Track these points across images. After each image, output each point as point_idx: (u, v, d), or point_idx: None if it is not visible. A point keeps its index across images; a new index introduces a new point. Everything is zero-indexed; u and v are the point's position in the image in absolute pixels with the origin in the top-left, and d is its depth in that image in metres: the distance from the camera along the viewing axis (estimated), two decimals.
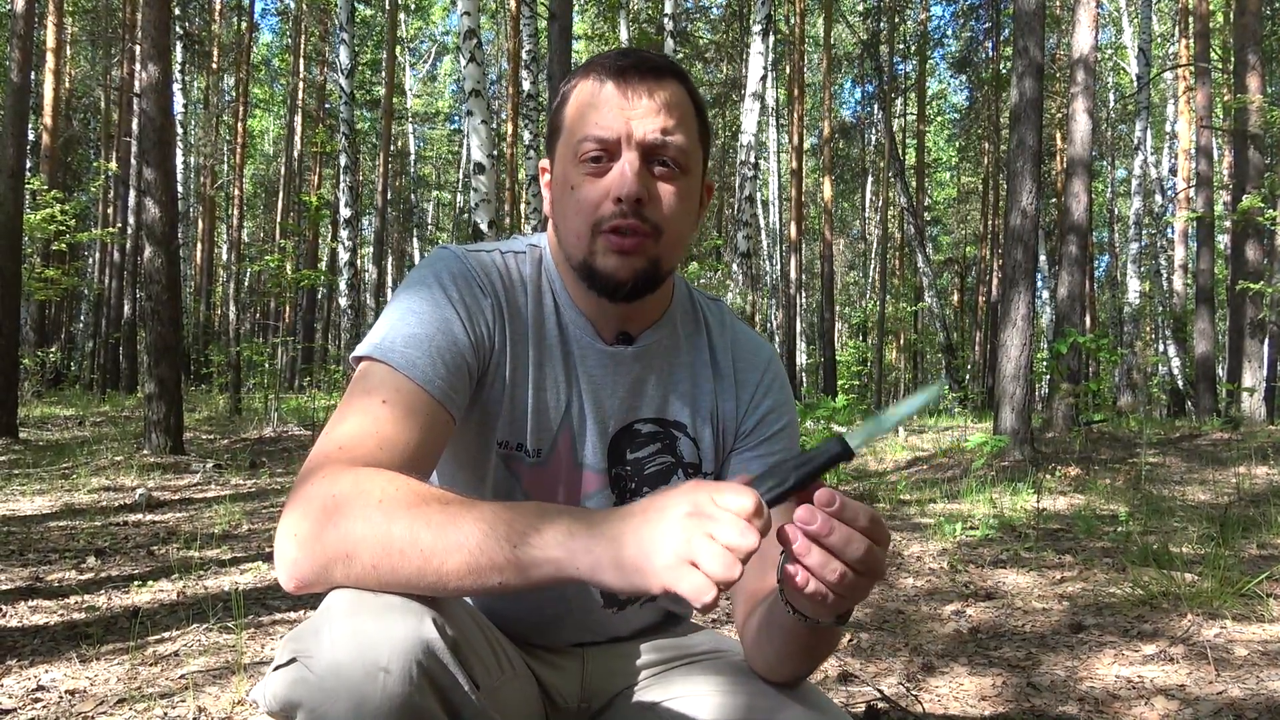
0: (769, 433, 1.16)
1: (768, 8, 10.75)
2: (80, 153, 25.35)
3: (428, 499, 0.80)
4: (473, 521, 0.77)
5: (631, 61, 1.00)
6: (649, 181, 0.99)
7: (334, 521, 0.80)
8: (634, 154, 0.99)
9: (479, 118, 7.80)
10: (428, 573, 0.78)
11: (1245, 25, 12.26)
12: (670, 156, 1.00)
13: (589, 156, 1.00)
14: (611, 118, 0.99)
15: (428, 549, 0.77)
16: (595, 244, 1.01)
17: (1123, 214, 24.71)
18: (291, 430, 8.94)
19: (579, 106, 1.02)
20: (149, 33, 6.94)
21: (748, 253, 10.77)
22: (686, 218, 1.04)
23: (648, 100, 0.99)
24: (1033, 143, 7.33)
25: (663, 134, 0.99)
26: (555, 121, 1.06)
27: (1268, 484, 5.87)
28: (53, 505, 4.86)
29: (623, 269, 1.01)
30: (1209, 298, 14.16)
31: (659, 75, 1.01)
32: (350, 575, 0.80)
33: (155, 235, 6.89)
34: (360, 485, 0.82)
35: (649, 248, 1.01)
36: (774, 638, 0.99)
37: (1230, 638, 2.42)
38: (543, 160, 1.11)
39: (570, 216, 1.02)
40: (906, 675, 2.24)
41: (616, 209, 0.99)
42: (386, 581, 0.79)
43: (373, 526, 0.79)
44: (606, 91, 1.00)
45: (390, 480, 0.82)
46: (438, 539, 0.77)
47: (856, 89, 29.36)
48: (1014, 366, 7.15)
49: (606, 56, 1.02)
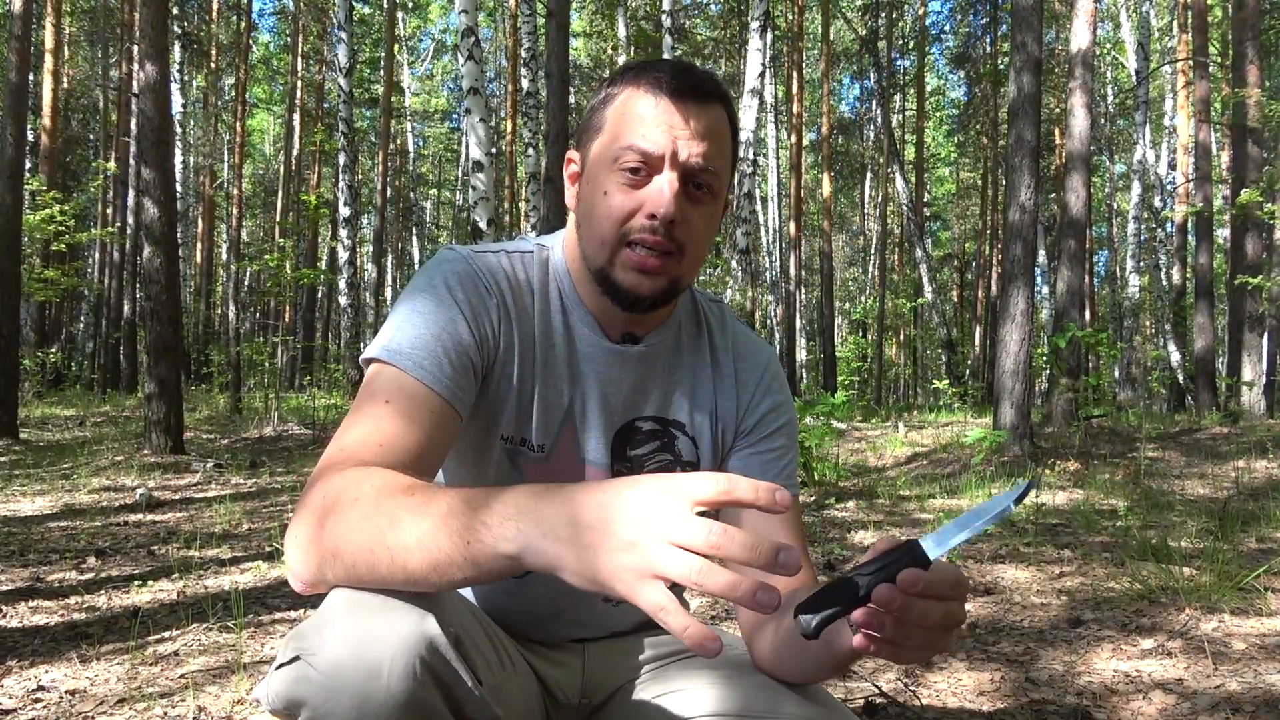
0: (768, 431, 1.17)
1: (765, 4, 10.76)
2: (79, 153, 25.37)
3: (402, 492, 0.79)
4: (432, 517, 0.76)
5: (689, 83, 1.01)
6: (683, 203, 1.00)
7: (325, 524, 0.81)
8: (675, 174, 1.00)
9: (477, 116, 7.80)
10: (396, 572, 0.77)
11: (1244, 19, 12.25)
12: (706, 181, 1.02)
13: (628, 166, 1.00)
14: (659, 134, 0.99)
15: (395, 547, 0.76)
16: (618, 255, 1.02)
17: (1122, 209, 24.71)
18: (292, 429, 8.95)
19: (626, 114, 1.02)
20: (147, 32, 6.94)
21: (747, 249, 10.78)
22: (709, 239, 1.06)
23: (695, 123, 1.00)
24: (1031, 138, 7.33)
25: (704, 159, 1.00)
26: (595, 119, 1.06)
27: (1267, 478, 5.88)
28: (53, 505, 4.87)
29: (644, 286, 1.03)
30: (1208, 292, 14.16)
31: (709, 99, 1.02)
32: (339, 576, 0.81)
33: (154, 235, 6.90)
34: (346, 485, 0.83)
35: (672, 267, 1.03)
36: (807, 659, 0.97)
37: (1228, 631, 2.42)
38: (571, 151, 1.11)
39: (599, 220, 1.03)
40: (905, 671, 2.25)
41: (649, 224, 1.00)
42: (367, 579, 0.79)
43: (351, 526, 0.79)
44: (660, 107, 1.00)
45: (369, 478, 0.82)
46: (400, 537, 0.76)
47: (855, 85, 29.35)
48: (1013, 362, 7.15)
49: (662, 69, 1.02)
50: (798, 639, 0.94)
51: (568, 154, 1.12)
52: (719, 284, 11.86)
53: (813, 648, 0.91)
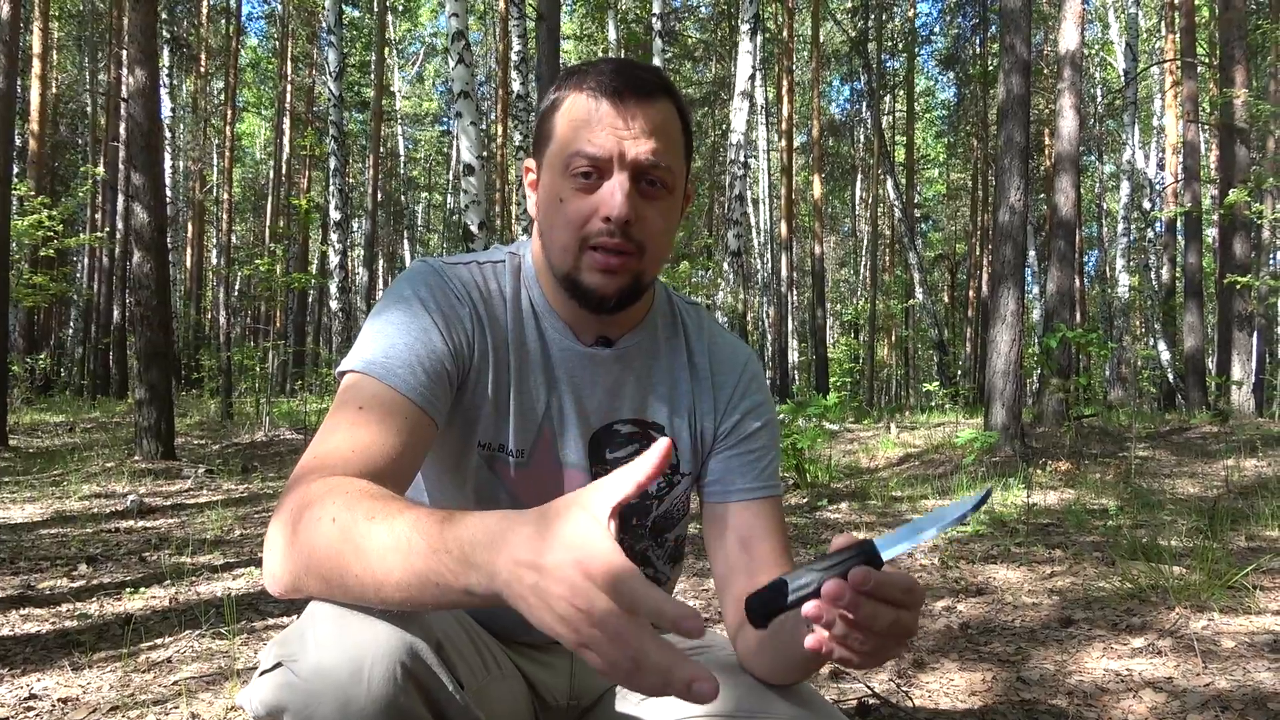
0: (747, 431, 1.18)
1: (755, 7, 10.77)
2: (68, 158, 25.25)
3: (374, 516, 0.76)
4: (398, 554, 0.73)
5: (626, 81, 1.01)
6: (637, 202, 1.01)
7: (298, 532, 0.81)
8: (625, 175, 1.00)
9: (468, 119, 7.80)
10: (369, 598, 0.76)
11: (1230, 20, 12.32)
12: (658, 177, 1.02)
13: (579, 172, 1.01)
14: (604, 137, 1.00)
15: (363, 575, 0.75)
16: (581, 259, 1.03)
17: (1111, 209, 24.81)
18: (283, 434, 8.93)
19: (571, 121, 1.02)
20: (136, 37, 6.92)
21: (738, 251, 10.79)
22: (669, 234, 1.07)
23: (641, 122, 1.00)
24: (1020, 140, 7.37)
25: (653, 155, 1.01)
26: (545, 128, 1.07)
27: (1256, 476, 5.91)
28: (44, 512, 4.85)
29: (608, 285, 1.03)
30: (1198, 291, 14.23)
31: (652, 95, 1.02)
32: (315, 589, 0.80)
33: (144, 240, 6.87)
34: (319, 495, 0.81)
35: (633, 265, 1.03)
36: (779, 655, 1.00)
37: (1218, 630, 2.44)
38: (528, 160, 1.12)
39: (558, 229, 1.04)
40: (897, 672, 2.26)
41: (605, 227, 1.00)
42: (340, 596, 0.78)
43: (322, 541, 0.78)
44: (601, 110, 1.00)
45: (346, 496, 0.80)
46: (368, 566, 0.74)
47: (845, 86, 29.41)
48: (1004, 362, 7.18)
49: (601, 71, 1.02)
50: (774, 636, 0.96)
51: (525, 162, 1.13)
52: (711, 286, 11.87)
53: (786, 646, 0.92)
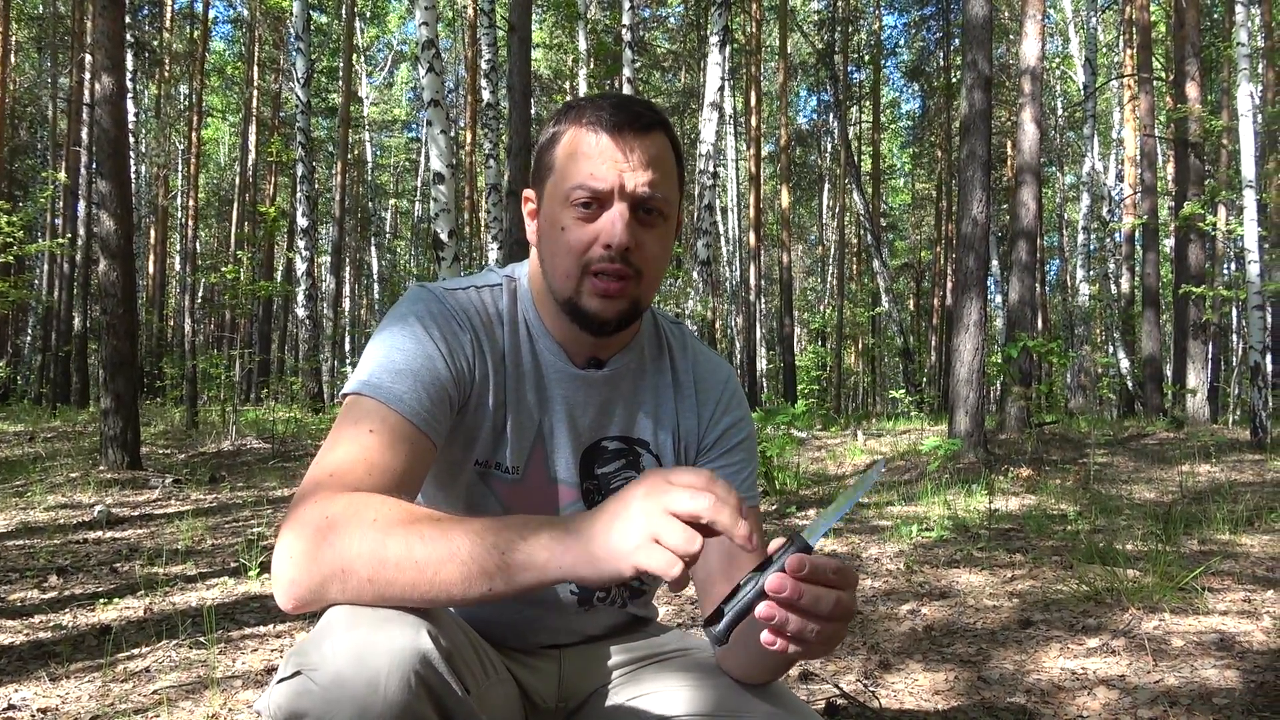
0: (729, 445, 1.25)
1: (725, 18, 10.90)
2: (26, 162, 24.82)
3: (419, 517, 0.87)
4: (463, 534, 0.83)
5: (625, 117, 1.08)
6: (635, 230, 1.07)
7: (329, 540, 0.86)
8: (624, 205, 1.07)
9: (438, 128, 7.82)
10: (421, 584, 0.83)
11: (1184, 37, 12.67)
12: (655, 206, 1.09)
13: (580, 202, 1.07)
14: (605, 170, 1.06)
15: (422, 560, 0.83)
16: (583, 285, 1.09)
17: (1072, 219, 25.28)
18: (251, 443, 8.85)
19: (572, 154, 1.09)
20: (102, 44, 6.86)
21: (708, 260, 10.90)
22: (665, 259, 1.14)
23: (637, 155, 1.07)
24: (982, 153, 7.53)
25: (650, 187, 1.07)
26: (545, 160, 1.13)
27: (1209, 481, 6.09)
28: (8, 524, 4.80)
29: (607, 310, 1.10)
30: (1155, 300, 14.57)
31: (649, 129, 1.09)
32: (346, 591, 0.85)
33: (110, 249, 6.81)
34: (354, 506, 0.88)
35: (631, 290, 1.10)
36: (751, 657, 1.08)
37: (1168, 630, 2.54)
38: (527, 190, 1.18)
39: (560, 256, 1.10)
40: (864, 672, 2.33)
41: (606, 254, 1.07)
42: (382, 594, 0.84)
43: (369, 543, 0.85)
44: (602, 144, 1.07)
45: (382, 502, 0.89)
46: (432, 551, 0.83)
47: (812, 97, 29.73)
48: (967, 371, 7.33)
49: (600, 107, 1.09)
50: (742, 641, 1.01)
51: (525, 192, 1.19)
52: (681, 295, 11.96)
53: (754, 649, 0.97)
